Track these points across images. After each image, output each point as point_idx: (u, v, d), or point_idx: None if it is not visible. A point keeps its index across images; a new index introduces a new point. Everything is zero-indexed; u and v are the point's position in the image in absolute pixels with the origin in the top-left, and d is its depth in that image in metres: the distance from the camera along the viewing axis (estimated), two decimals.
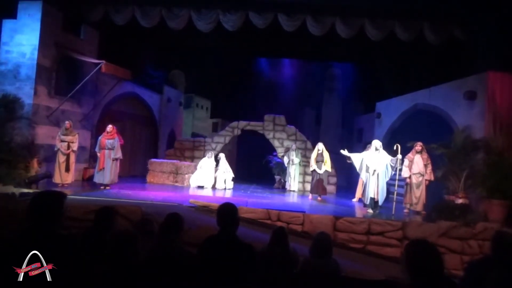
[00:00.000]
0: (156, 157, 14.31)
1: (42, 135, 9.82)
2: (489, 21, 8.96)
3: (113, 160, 9.72)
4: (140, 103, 14.72)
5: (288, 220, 7.51)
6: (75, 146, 9.66)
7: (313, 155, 10.68)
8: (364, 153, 9.27)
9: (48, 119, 10.08)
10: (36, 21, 9.65)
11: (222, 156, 12.27)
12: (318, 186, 10.44)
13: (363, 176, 8.88)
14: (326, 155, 10.58)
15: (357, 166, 9.07)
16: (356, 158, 9.11)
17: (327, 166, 10.49)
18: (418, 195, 8.98)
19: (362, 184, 9.25)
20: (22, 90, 9.50)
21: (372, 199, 8.59)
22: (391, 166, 8.54)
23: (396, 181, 8.66)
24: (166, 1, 9.98)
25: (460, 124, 9.31)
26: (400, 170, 8.93)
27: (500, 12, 8.70)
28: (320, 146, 10.67)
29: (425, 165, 8.96)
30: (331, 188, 12.66)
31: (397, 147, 8.48)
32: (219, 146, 13.81)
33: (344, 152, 9.24)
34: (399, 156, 8.45)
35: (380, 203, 8.63)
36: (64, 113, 10.52)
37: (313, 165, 10.56)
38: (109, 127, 9.84)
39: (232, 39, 12.11)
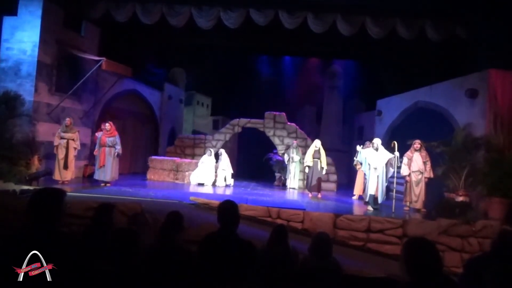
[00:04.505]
0: (156, 154, 14.32)
1: (42, 132, 9.83)
2: (491, 19, 8.94)
3: (113, 157, 9.71)
4: (140, 100, 14.73)
5: (288, 217, 7.52)
6: (76, 144, 9.66)
7: (310, 151, 10.67)
8: (365, 150, 9.28)
9: (48, 116, 10.08)
10: (36, 18, 9.64)
11: (222, 151, 12.28)
12: (318, 185, 10.46)
13: (367, 172, 8.86)
14: (323, 153, 10.58)
15: (363, 162, 9.07)
16: (363, 154, 9.12)
17: (323, 163, 10.48)
18: (418, 192, 8.98)
19: (362, 181, 9.22)
20: (23, 87, 9.51)
21: (372, 196, 8.60)
22: (391, 164, 8.53)
23: (395, 179, 8.65)
24: None
25: (461, 122, 9.31)
26: (399, 168, 8.92)
27: (502, 9, 8.67)
28: (318, 143, 10.66)
29: (424, 163, 8.96)
30: (331, 186, 12.68)
31: (394, 144, 8.48)
32: (220, 144, 13.83)
33: (359, 148, 9.17)
34: (397, 153, 8.45)
35: (380, 201, 8.62)
36: (64, 110, 10.53)
37: (307, 161, 10.56)
38: (107, 125, 9.74)
39: (233, 37, 12.10)
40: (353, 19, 9.82)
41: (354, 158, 9.21)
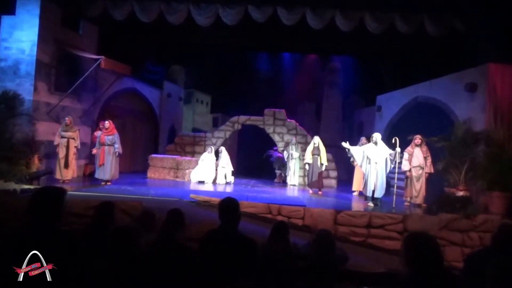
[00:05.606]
0: (156, 152, 14.33)
1: (42, 131, 9.83)
2: (490, 13, 8.91)
3: (113, 156, 9.69)
4: (140, 98, 14.72)
5: (288, 214, 7.52)
6: (76, 143, 9.64)
7: (309, 148, 10.65)
8: (364, 146, 9.26)
9: (48, 115, 10.08)
10: (35, 17, 9.62)
11: (223, 149, 12.28)
12: (319, 181, 10.45)
13: (364, 169, 8.87)
14: (322, 149, 10.57)
15: (358, 159, 9.03)
16: (356, 151, 9.08)
17: (323, 159, 10.47)
18: (419, 188, 8.98)
19: (362, 177, 9.23)
20: (22, 87, 9.50)
21: (372, 191, 8.60)
22: (390, 159, 8.53)
23: (396, 174, 8.65)
24: None
25: (461, 117, 9.29)
26: (400, 163, 8.91)
27: (501, 3, 8.64)
28: (316, 139, 10.64)
29: (425, 158, 8.96)
30: (331, 182, 12.68)
31: (395, 140, 8.46)
32: (220, 141, 13.82)
33: (345, 145, 9.20)
34: (398, 149, 8.43)
35: (379, 195, 8.60)
36: (64, 109, 10.52)
37: (306, 159, 10.56)
38: (106, 124, 9.65)
39: (232, 34, 12.07)
40: (352, 15, 9.79)
41: (348, 155, 9.19)
